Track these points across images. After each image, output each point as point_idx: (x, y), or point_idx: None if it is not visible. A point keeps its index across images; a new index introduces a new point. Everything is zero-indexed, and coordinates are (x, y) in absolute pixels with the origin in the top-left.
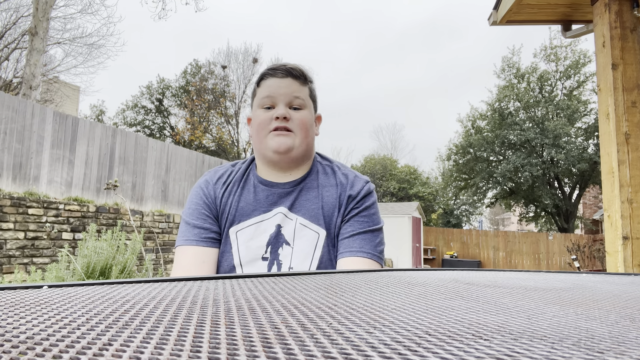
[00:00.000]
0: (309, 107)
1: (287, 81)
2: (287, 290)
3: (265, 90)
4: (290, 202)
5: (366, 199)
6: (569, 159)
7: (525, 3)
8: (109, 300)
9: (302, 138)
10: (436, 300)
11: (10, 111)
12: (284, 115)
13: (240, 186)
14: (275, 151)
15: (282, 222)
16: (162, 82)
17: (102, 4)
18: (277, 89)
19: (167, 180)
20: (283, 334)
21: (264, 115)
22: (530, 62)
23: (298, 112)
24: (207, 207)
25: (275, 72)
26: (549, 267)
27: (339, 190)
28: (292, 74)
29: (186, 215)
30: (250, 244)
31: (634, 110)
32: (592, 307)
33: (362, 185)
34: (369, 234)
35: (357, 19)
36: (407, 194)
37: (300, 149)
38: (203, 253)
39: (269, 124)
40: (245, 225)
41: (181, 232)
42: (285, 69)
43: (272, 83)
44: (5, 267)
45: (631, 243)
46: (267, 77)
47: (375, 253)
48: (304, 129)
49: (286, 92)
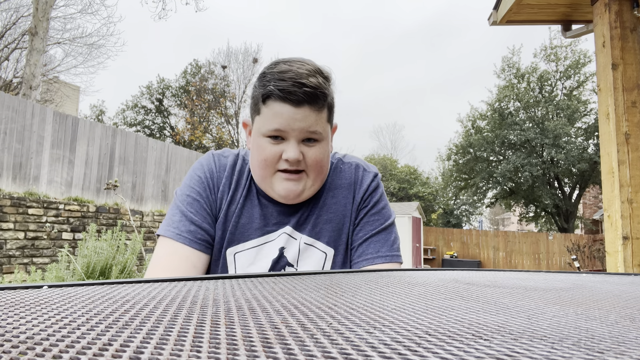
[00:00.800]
0: (327, 135)
1: (303, 112)
2: (287, 290)
3: (274, 120)
4: (297, 219)
5: (374, 194)
6: (569, 159)
7: (525, 3)
8: (109, 300)
9: (315, 177)
10: (436, 300)
11: (10, 111)
12: (297, 159)
13: (244, 195)
14: (283, 198)
15: (286, 243)
16: (162, 82)
17: (102, 4)
18: (290, 122)
19: (167, 180)
20: (283, 334)
21: (271, 149)
22: (530, 62)
23: (313, 148)
24: (208, 203)
25: (288, 96)
26: (549, 267)
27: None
28: (310, 100)
29: (183, 203)
30: (250, 270)
31: (634, 110)
32: (592, 307)
33: (370, 179)
34: (383, 234)
35: (358, 19)
36: (407, 194)
37: (312, 189)
38: (196, 257)
39: (277, 163)
40: (246, 247)
41: (173, 220)
42: (302, 93)
43: (283, 111)
44: (5, 267)
45: (631, 243)
46: (276, 99)
47: (394, 253)
48: (319, 168)
49: (301, 127)
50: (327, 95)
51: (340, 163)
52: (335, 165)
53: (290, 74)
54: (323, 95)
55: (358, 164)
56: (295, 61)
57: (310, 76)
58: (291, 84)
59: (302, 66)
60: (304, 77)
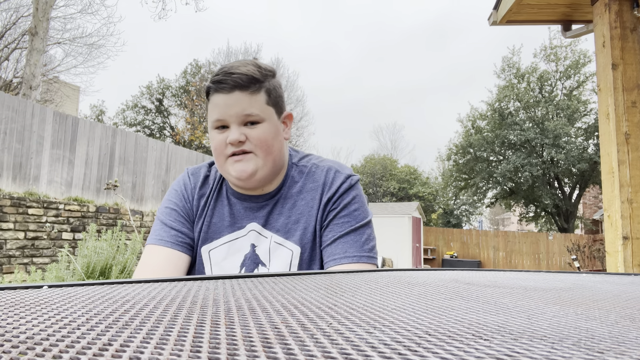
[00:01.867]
0: (269, 117)
1: (235, 96)
2: (287, 290)
3: (214, 111)
4: (264, 217)
5: (344, 196)
6: (569, 159)
7: (525, 3)
8: (109, 300)
9: (265, 156)
10: (436, 300)
11: (10, 111)
12: (238, 140)
13: (214, 198)
14: (237, 179)
15: (256, 240)
16: (162, 82)
17: (102, 4)
18: (226, 109)
19: (167, 180)
20: (283, 334)
21: (218, 137)
22: (530, 62)
23: (255, 129)
24: (185, 212)
25: (219, 86)
26: (549, 267)
27: (317, 194)
28: (239, 86)
29: (162, 214)
30: (224, 265)
31: (634, 110)
32: (592, 307)
33: (340, 181)
34: (352, 235)
35: (358, 20)
36: (407, 194)
37: (265, 168)
38: (177, 257)
39: (225, 149)
40: (218, 243)
41: (155, 230)
42: (230, 80)
43: (219, 101)
44: (5, 267)
45: (631, 243)
46: (213, 92)
47: (363, 254)
48: (265, 146)
49: (236, 111)
50: (260, 80)
51: (314, 167)
52: (309, 169)
53: (224, 69)
54: (254, 79)
55: (330, 167)
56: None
57: (241, 66)
58: (222, 76)
59: (238, 62)
60: (234, 68)
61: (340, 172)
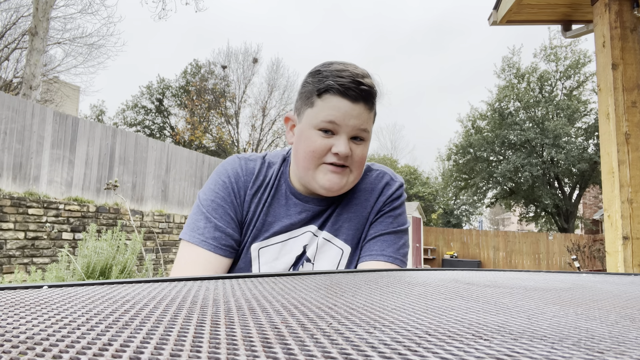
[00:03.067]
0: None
1: (359, 108)
2: (287, 290)
3: (330, 112)
4: (322, 220)
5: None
6: (569, 159)
7: (525, 3)
8: (109, 300)
9: (357, 174)
10: (436, 300)
11: (10, 111)
12: (347, 154)
13: (271, 194)
14: (326, 189)
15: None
16: (162, 82)
17: (102, 4)
18: (345, 117)
19: (167, 180)
20: (283, 334)
21: (321, 141)
22: (530, 62)
23: (360, 146)
24: (233, 208)
25: (347, 91)
26: (549, 267)
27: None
28: (365, 98)
29: (207, 208)
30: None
31: (634, 110)
32: (592, 307)
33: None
34: (392, 236)
35: (359, 21)
36: (407, 194)
37: (352, 184)
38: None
39: (325, 156)
40: (271, 242)
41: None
42: (360, 90)
43: (340, 105)
44: (5, 267)
45: (631, 243)
46: (335, 94)
47: (398, 256)
48: (361, 165)
49: (354, 124)
50: (375, 97)
51: (368, 169)
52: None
53: (348, 73)
54: (374, 96)
55: (386, 172)
56: (347, 63)
57: (366, 77)
58: (350, 81)
59: (356, 68)
60: (359, 77)
61: (395, 179)
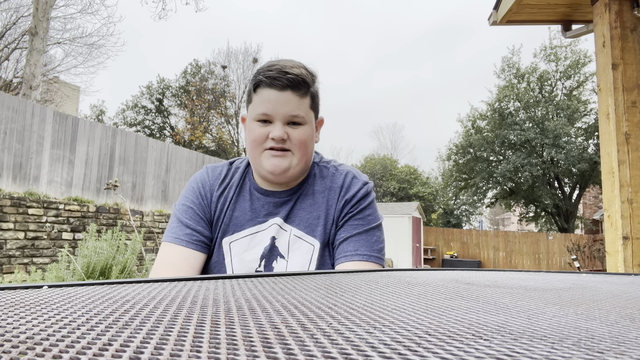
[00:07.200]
0: (309, 120)
1: (287, 95)
2: (287, 290)
3: (262, 105)
4: (286, 212)
5: (362, 202)
6: (569, 159)
7: (525, 3)
8: (109, 300)
9: (300, 157)
10: (436, 300)
11: (10, 111)
12: (282, 137)
13: (237, 192)
14: (270, 172)
15: (277, 233)
16: (162, 82)
17: (102, 4)
18: (275, 105)
19: (167, 180)
20: (283, 334)
21: (259, 130)
22: (530, 62)
23: (297, 130)
24: (201, 210)
25: (273, 82)
26: (549, 267)
27: (336, 194)
28: (292, 85)
29: (179, 211)
30: (244, 256)
31: (634, 110)
32: (592, 307)
33: (358, 187)
34: (364, 235)
35: (359, 21)
36: (407, 194)
37: (298, 167)
38: (192, 256)
39: (265, 142)
40: (240, 236)
41: (171, 228)
42: (285, 79)
43: (269, 96)
44: (5, 267)
45: (631, 243)
46: (264, 87)
47: (373, 253)
48: (303, 147)
49: (285, 110)
50: (309, 84)
51: (334, 169)
52: (329, 170)
53: (277, 66)
54: (304, 82)
55: (349, 172)
56: (284, 60)
57: (294, 68)
58: (276, 73)
59: (289, 62)
60: (287, 68)
61: (358, 178)
